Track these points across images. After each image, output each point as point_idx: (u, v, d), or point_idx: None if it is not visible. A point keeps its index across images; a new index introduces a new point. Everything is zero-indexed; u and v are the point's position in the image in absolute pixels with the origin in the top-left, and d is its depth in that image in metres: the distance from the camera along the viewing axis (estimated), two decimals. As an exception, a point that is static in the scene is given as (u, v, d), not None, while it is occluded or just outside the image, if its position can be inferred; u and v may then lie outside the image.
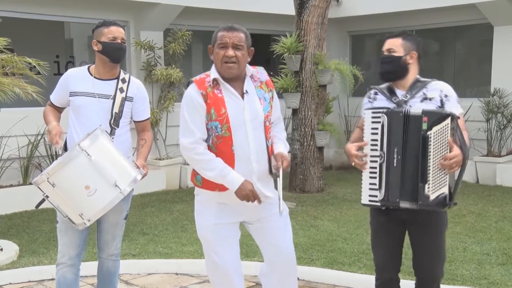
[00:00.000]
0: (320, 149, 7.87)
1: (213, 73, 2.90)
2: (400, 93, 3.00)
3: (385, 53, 3.03)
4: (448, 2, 8.68)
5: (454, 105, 2.95)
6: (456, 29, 9.56)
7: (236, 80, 2.91)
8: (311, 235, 5.57)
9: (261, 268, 3.20)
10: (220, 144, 2.87)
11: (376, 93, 3.10)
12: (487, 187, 7.92)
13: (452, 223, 5.82)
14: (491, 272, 4.45)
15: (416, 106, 2.91)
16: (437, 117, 2.77)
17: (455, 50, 9.83)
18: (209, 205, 2.98)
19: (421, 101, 2.95)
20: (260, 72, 3.02)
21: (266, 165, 2.96)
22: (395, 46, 3.00)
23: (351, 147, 2.98)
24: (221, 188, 2.88)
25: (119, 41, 3.24)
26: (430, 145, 2.77)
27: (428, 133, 2.77)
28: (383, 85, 3.12)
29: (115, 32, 3.24)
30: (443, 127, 2.77)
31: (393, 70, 3.00)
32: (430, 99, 2.94)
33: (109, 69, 3.29)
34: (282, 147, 3.02)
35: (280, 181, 2.88)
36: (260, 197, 2.87)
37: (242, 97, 2.90)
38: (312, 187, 7.72)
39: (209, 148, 2.89)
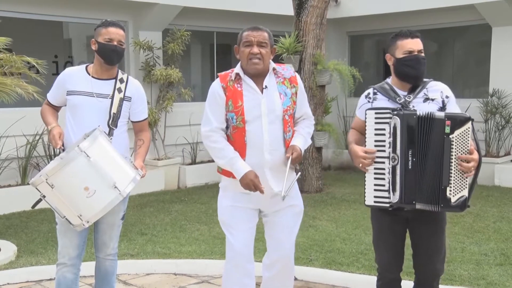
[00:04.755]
0: (319, 149, 7.87)
1: (237, 68, 3.12)
2: (401, 93, 2.97)
3: (417, 53, 2.91)
4: (447, 2, 8.68)
5: (454, 106, 2.97)
6: (455, 30, 9.56)
7: (258, 76, 3.10)
8: (309, 235, 5.57)
9: (263, 259, 3.34)
10: (235, 134, 3.09)
11: (375, 93, 3.04)
12: (485, 187, 7.91)
13: (451, 224, 5.82)
14: (489, 273, 4.46)
15: (419, 107, 2.89)
16: (459, 120, 2.78)
17: (454, 51, 9.84)
18: (228, 191, 3.19)
19: (424, 101, 2.94)
20: (285, 69, 3.21)
21: (282, 157, 3.09)
22: (422, 46, 2.93)
23: (359, 148, 2.94)
24: (234, 176, 3.07)
25: (115, 43, 3.20)
26: (452, 148, 2.78)
27: (451, 136, 2.78)
28: (381, 84, 3.08)
29: (111, 34, 3.21)
30: (465, 130, 2.79)
31: (424, 72, 2.94)
32: (432, 100, 2.94)
33: (105, 69, 3.28)
34: (298, 141, 3.14)
35: (287, 170, 3.01)
36: (262, 188, 3.01)
37: (262, 91, 3.07)
38: (310, 187, 7.72)
39: (228, 138, 3.12)
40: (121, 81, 3.31)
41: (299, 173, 3.17)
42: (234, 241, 3.13)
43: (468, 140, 2.80)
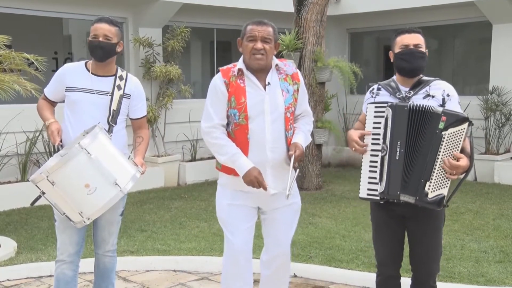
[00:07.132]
0: (319, 146, 7.87)
1: (239, 63, 3.06)
2: (403, 89, 2.99)
3: (412, 47, 2.93)
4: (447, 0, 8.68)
5: (455, 106, 2.95)
6: (455, 27, 9.56)
7: (261, 72, 3.05)
8: (309, 232, 5.58)
9: (261, 256, 3.33)
10: (237, 131, 3.03)
11: (379, 88, 3.08)
12: (485, 185, 7.92)
13: (450, 221, 5.83)
14: (489, 270, 4.46)
15: (418, 102, 2.88)
16: (455, 119, 2.77)
17: (454, 48, 9.84)
18: (227, 188, 3.15)
19: (424, 97, 2.94)
20: (287, 65, 3.16)
21: (283, 155, 3.07)
22: (421, 41, 2.95)
23: (354, 133, 3.00)
24: (236, 173, 3.03)
25: (100, 38, 3.17)
26: (442, 145, 2.78)
27: (443, 133, 2.77)
28: (386, 81, 3.11)
29: (97, 29, 3.18)
30: (459, 130, 2.78)
31: (423, 66, 2.95)
32: (433, 97, 2.94)
33: (101, 66, 3.26)
34: (299, 138, 3.13)
35: (291, 168, 3.00)
36: (266, 185, 2.99)
37: (265, 88, 3.03)
38: (310, 185, 7.72)
39: (229, 134, 3.05)
40: (121, 78, 3.31)
41: (298, 169, 3.14)
42: (233, 240, 3.11)
43: (460, 142, 2.78)
